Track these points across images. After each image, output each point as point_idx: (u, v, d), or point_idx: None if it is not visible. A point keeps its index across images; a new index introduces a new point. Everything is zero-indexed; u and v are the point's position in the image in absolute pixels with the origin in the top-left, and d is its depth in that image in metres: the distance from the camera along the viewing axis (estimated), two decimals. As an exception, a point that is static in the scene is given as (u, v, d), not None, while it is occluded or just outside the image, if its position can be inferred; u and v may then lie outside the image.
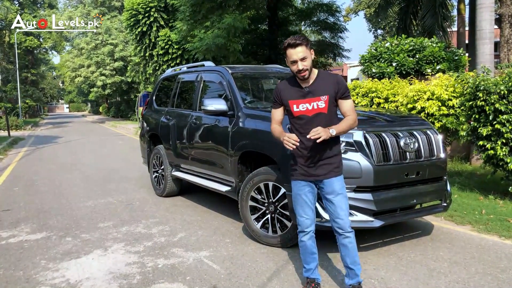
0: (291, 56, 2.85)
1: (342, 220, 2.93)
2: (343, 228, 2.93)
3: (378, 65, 8.94)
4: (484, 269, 3.50)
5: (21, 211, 5.66)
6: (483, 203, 5.42)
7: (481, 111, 5.58)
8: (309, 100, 2.91)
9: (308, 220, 3.04)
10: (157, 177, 6.44)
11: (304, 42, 2.83)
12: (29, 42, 38.34)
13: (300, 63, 2.83)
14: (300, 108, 2.94)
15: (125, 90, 33.92)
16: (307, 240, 3.06)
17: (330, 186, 2.95)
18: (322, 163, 2.94)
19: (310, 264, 3.10)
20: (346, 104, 2.95)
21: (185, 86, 6.15)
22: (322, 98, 2.89)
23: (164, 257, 3.90)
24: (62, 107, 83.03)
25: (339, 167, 2.99)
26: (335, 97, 2.92)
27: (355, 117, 2.94)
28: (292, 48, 2.83)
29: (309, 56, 2.86)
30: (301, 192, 3.03)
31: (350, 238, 2.94)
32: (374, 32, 36.73)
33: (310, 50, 2.88)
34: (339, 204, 2.94)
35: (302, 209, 3.04)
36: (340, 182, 2.98)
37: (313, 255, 3.09)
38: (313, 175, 2.96)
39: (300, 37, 2.85)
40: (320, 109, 2.90)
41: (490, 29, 7.74)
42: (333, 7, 14.84)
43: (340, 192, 2.95)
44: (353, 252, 2.96)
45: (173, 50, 15.78)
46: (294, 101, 2.95)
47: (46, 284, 3.38)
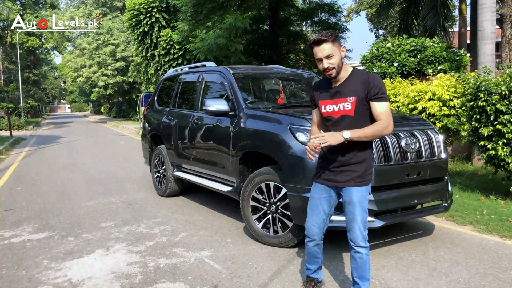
0: (316, 53, 2.65)
1: (354, 233, 2.73)
2: (354, 242, 2.74)
3: (379, 65, 8.93)
4: (485, 269, 3.51)
5: (23, 211, 5.68)
6: (484, 203, 5.42)
7: (482, 111, 5.59)
8: (336, 101, 2.70)
9: (316, 229, 2.89)
10: (159, 177, 6.45)
11: (330, 38, 2.59)
12: (31, 42, 38.45)
13: (326, 61, 2.62)
14: (327, 109, 2.75)
15: (126, 90, 33.98)
16: (312, 247, 2.96)
17: (348, 196, 2.74)
18: (343, 169, 2.73)
19: (311, 265, 3.07)
20: (378, 107, 2.63)
21: (186, 87, 6.16)
22: (349, 100, 2.66)
23: (165, 257, 3.92)
24: (63, 107, 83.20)
25: (363, 176, 2.71)
26: (365, 98, 2.64)
27: (388, 123, 2.62)
28: (316, 45, 2.63)
29: (337, 53, 2.63)
30: (317, 197, 2.87)
31: (361, 254, 2.73)
32: (375, 32, 36.69)
33: (339, 47, 2.65)
34: (353, 216, 2.72)
35: (312, 215, 2.89)
36: (361, 193, 2.72)
37: (316, 259, 3.02)
38: (334, 180, 2.77)
39: (327, 33, 2.62)
40: (346, 111, 2.67)
41: (491, 29, 7.74)
42: (334, 7, 14.85)
43: (357, 204, 2.71)
44: (363, 267, 2.77)
45: (175, 50, 15.79)
46: (323, 101, 2.78)
47: (48, 284, 3.40)
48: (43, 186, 7.37)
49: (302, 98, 5.70)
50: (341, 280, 3.35)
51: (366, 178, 2.74)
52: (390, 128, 2.64)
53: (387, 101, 2.66)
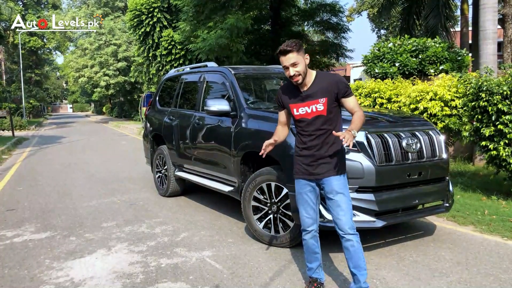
0: (282, 62, 2.89)
1: (341, 221, 2.89)
2: (342, 229, 2.89)
3: (381, 65, 8.93)
4: (486, 270, 3.51)
5: (25, 211, 5.70)
6: (485, 204, 5.42)
7: (484, 111, 5.58)
8: (308, 104, 2.93)
9: (310, 219, 3.04)
10: (160, 177, 6.47)
11: (295, 48, 2.83)
12: (33, 42, 38.50)
13: (292, 68, 2.85)
14: (300, 111, 2.97)
15: (128, 90, 34.01)
16: (309, 239, 3.08)
17: (329, 185, 2.93)
18: (321, 162, 2.93)
19: (312, 263, 3.12)
20: (350, 102, 2.93)
21: (188, 87, 6.17)
22: (320, 101, 2.90)
23: (167, 256, 3.93)
24: (65, 107, 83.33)
25: (339, 166, 2.94)
26: (335, 98, 2.91)
27: (362, 112, 2.91)
28: (282, 55, 2.86)
29: (302, 61, 2.86)
30: (302, 191, 3.04)
31: (352, 241, 2.87)
32: (377, 32, 36.63)
33: (303, 55, 2.88)
34: (338, 203, 2.91)
35: (304, 207, 3.06)
36: (340, 181, 2.94)
37: (315, 254, 3.10)
38: (313, 173, 2.97)
39: (291, 43, 2.85)
40: (319, 112, 2.91)
41: (493, 29, 7.73)
42: (336, 7, 14.83)
43: (339, 192, 2.91)
44: (356, 256, 2.88)
45: (176, 51, 15.81)
46: (294, 104, 2.99)
47: (50, 283, 3.42)
48: (45, 186, 7.39)
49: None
50: (342, 280, 3.35)
51: (342, 168, 2.98)
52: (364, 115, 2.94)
53: (353, 95, 2.98)
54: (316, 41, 16.81)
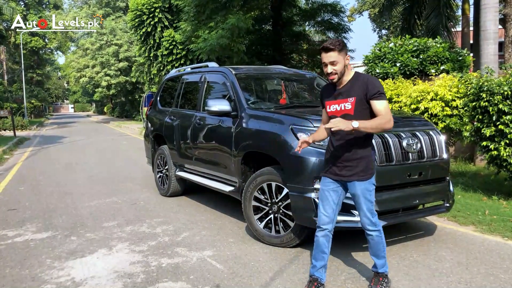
0: (322, 58, 2.95)
1: (362, 220, 3.10)
2: (363, 226, 3.11)
3: (382, 65, 8.93)
4: (486, 270, 3.51)
5: (26, 211, 5.71)
6: (486, 204, 5.42)
7: (484, 111, 5.58)
8: (338, 101, 3.01)
9: (326, 218, 3.09)
10: (161, 177, 6.48)
11: (337, 47, 2.89)
12: (35, 42, 38.56)
13: (330, 66, 2.92)
14: (331, 108, 3.06)
15: (129, 90, 34.05)
16: (321, 237, 3.12)
17: (353, 189, 3.04)
18: (347, 164, 3.00)
19: (317, 262, 3.14)
20: (377, 105, 2.91)
21: (189, 87, 6.18)
22: (349, 100, 2.95)
23: (168, 256, 3.93)
24: (67, 107, 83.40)
25: (364, 171, 2.99)
26: (365, 99, 2.93)
27: (388, 118, 2.87)
28: (324, 52, 2.92)
29: (341, 61, 2.91)
30: (325, 188, 3.12)
31: (371, 235, 3.09)
32: (378, 32, 36.63)
33: (344, 56, 2.92)
34: (359, 206, 3.07)
35: (323, 205, 3.12)
36: (363, 186, 3.01)
37: (323, 254, 3.12)
38: (339, 175, 3.05)
39: (335, 42, 2.91)
40: (346, 110, 2.96)
41: (494, 29, 7.72)
42: (337, 7, 14.83)
43: (361, 196, 3.02)
44: (375, 247, 3.12)
45: (178, 51, 15.82)
46: (328, 101, 3.09)
47: (51, 283, 3.43)
48: (46, 186, 7.41)
49: (304, 98, 5.72)
50: (343, 280, 3.36)
51: (368, 173, 3.02)
52: (391, 122, 2.89)
53: (385, 100, 2.94)
54: (317, 41, 16.80)
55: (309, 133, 3.73)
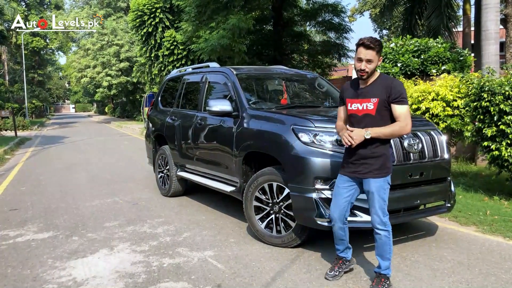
0: (359, 53, 2.99)
1: (373, 218, 3.14)
2: (373, 224, 3.15)
3: (383, 65, 8.93)
4: (488, 270, 3.51)
5: (28, 211, 5.72)
6: (487, 204, 5.42)
7: (486, 112, 5.58)
8: (361, 101, 3.07)
9: (336, 213, 3.25)
10: (163, 177, 6.48)
11: (377, 48, 2.96)
12: (36, 43, 38.63)
13: (364, 63, 2.97)
14: (352, 107, 3.12)
15: (130, 91, 34.08)
16: (336, 230, 3.31)
17: (367, 186, 3.11)
18: (364, 162, 3.08)
19: (339, 246, 3.40)
20: (397, 110, 3.00)
21: (190, 87, 6.19)
22: (372, 100, 3.01)
23: (169, 256, 3.94)
24: (68, 107, 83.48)
25: (380, 169, 3.07)
26: (387, 101, 2.99)
27: (405, 124, 2.98)
28: (364, 48, 2.96)
29: (376, 61, 2.98)
30: (340, 185, 3.23)
31: (380, 235, 3.13)
32: (379, 33, 36.60)
33: (379, 57, 3.01)
34: (372, 203, 3.12)
35: (335, 200, 3.26)
36: (378, 184, 3.08)
37: (342, 240, 3.36)
38: (356, 172, 3.13)
39: (376, 41, 2.96)
40: (368, 110, 3.03)
41: (495, 29, 7.71)
42: (338, 7, 14.82)
43: (375, 193, 3.08)
44: (381, 247, 3.15)
45: (179, 51, 15.84)
46: (350, 99, 3.14)
47: (53, 283, 3.43)
48: (47, 186, 7.42)
49: (305, 98, 5.72)
50: (344, 280, 3.36)
51: (384, 171, 3.09)
52: (407, 128, 3.01)
53: (406, 105, 3.01)
54: (318, 41, 16.80)
55: (310, 133, 3.74)
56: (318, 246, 4.06)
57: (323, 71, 15.83)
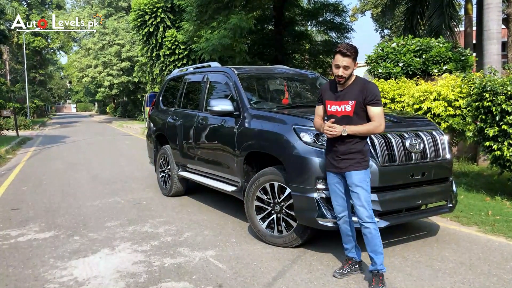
0: (337, 60, 3.17)
1: (359, 210, 3.22)
2: (361, 218, 3.22)
3: (384, 65, 8.91)
4: (489, 270, 3.50)
5: (29, 210, 5.72)
6: (489, 204, 5.40)
7: (487, 111, 5.56)
8: (339, 103, 3.26)
9: (339, 207, 3.39)
10: (164, 177, 6.48)
11: (353, 55, 3.16)
12: (37, 42, 38.68)
13: (342, 70, 3.16)
14: (331, 108, 3.30)
15: (132, 90, 34.11)
16: (342, 224, 3.42)
17: (350, 178, 3.25)
18: (344, 157, 3.25)
19: (347, 244, 3.47)
20: (372, 110, 3.20)
21: (191, 87, 6.18)
22: (349, 103, 3.21)
23: (170, 256, 3.94)
24: (69, 107, 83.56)
25: (360, 162, 3.23)
26: (363, 102, 3.19)
27: (379, 124, 3.18)
28: (341, 55, 3.15)
29: (352, 67, 3.18)
30: (331, 182, 3.40)
31: (369, 228, 3.20)
32: (380, 32, 36.57)
33: (355, 63, 3.20)
34: (356, 195, 3.21)
35: (334, 197, 3.41)
36: (360, 176, 3.22)
37: (349, 236, 3.43)
38: (338, 167, 3.29)
39: (352, 49, 3.15)
40: (346, 112, 3.22)
41: (497, 29, 7.70)
42: (339, 7, 14.82)
43: (358, 185, 3.20)
44: (373, 241, 3.21)
45: (180, 51, 15.84)
46: (329, 101, 3.33)
47: (54, 282, 3.43)
48: (49, 186, 7.42)
49: (307, 98, 5.71)
50: (345, 280, 3.35)
51: (363, 164, 3.26)
52: (381, 128, 3.22)
53: (380, 106, 3.22)
54: (319, 41, 16.79)
55: (311, 133, 3.74)
56: (320, 246, 4.06)
57: (325, 70, 15.82)
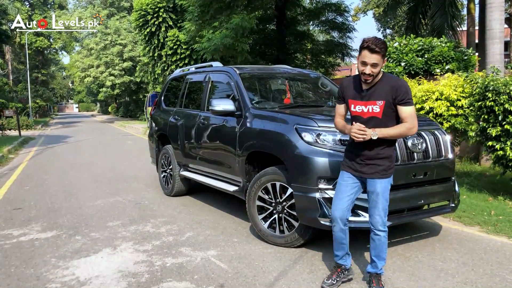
0: (364, 57, 2.84)
1: (375, 219, 3.07)
2: (375, 225, 3.08)
3: (386, 65, 8.90)
4: (492, 270, 3.49)
5: (31, 210, 5.73)
6: (492, 204, 5.39)
7: (490, 111, 5.55)
8: (366, 103, 2.97)
9: (339, 211, 3.12)
10: (166, 177, 6.48)
11: (382, 51, 2.83)
12: (40, 42, 38.76)
13: (369, 68, 2.84)
14: (356, 109, 3.02)
15: (134, 90, 34.14)
16: (337, 232, 3.18)
17: (373, 186, 3.05)
18: (370, 163, 3.02)
19: (338, 251, 3.26)
20: (404, 111, 2.92)
21: (193, 87, 6.18)
22: (377, 103, 2.93)
23: (172, 256, 3.94)
24: (71, 107, 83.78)
25: (387, 170, 3.03)
26: (392, 102, 2.92)
27: (412, 125, 2.92)
28: (369, 51, 2.82)
29: (381, 64, 2.87)
30: (343, 183, 3.14)
31: (379, 236, 3.07)
32: (383, 32, 36.50)
33: (384, 59, 2.89)
34: (375, 204, 3.05)
35: (337, 198, 3.15)
36: (384, 184, 3.03)
37: (342, 245, 3.22)
38: (360, 171, 3.07)
39: (381, 44, 2.82)
40: (374, 113, 2.95)
41: (500, 28, 7.68)
42: (341, 6, 14.83)
43: (380, 194, 3.02)
44: (380, 248, 3.10)
45: (182, 51, 15.86)
46: (353, 101, 3.04)
47: (56, 282, 3.44)
48: (51, 186, 7.44)
49: (309, 98, 5.71)
50: (344, 283, 3.34)
51: (389, 172, 3.06)
52: (414, 130, 2.96)
53: (412, 105, 2.95)
54: (321, 41, 16.80)
55: (313, 132, 3.73)
56: (321, 246, 4.05)
57: (326, 70, 15.82)
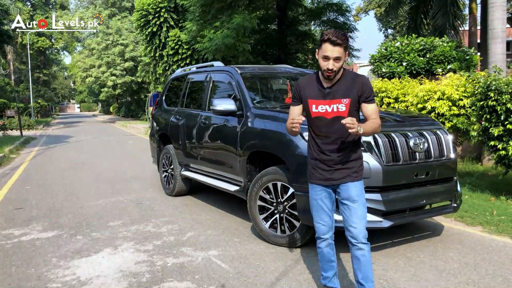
0: (326, 51, 2.60)
1: (355, 229, 2.71)
2: (356, 237, 2.71)
3: (388, 64, 8.89)
4: (494, 271, 3.47)
5: (33, 210, 5.73)
6: (494, 204, 5.37)
7: (492, 111, 5.53)
8: (330, 102, 2.70)
9: (325, 227, 2.86)
10: (167, 177, 6.48)
11: (344, 43, 2.60)
12: (41, 43, 38.85)
13: (332, 62, 2.60)
14: (319, 109, 2.74)
15: (135, 90, 34.16)
16: (324, 248, 2.90)
17: (347, 191, 2.75)
18: (339, 167, 2.75)
19: (327, 272, 2.96)
20: (369, 108, 2.72)
21: (194, 86, 6.18)
22: (343, 101, 2.69)
23: (173, 256, 3.93)
24: (73, 107, 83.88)
25: (358, 172, 2.78)
26: (358, 100, 2.71)
27: (379, 121, 2.73)
28: (331, 44, 2.58)
29: (343, 58, 2.64)
30: (317, 197, 2.86)
31: (363, 250, 2.71)
32: (384, 32, 36.46)
33: (346, 52, 2.67)
34: (354, 211, 2.73)
35: (318, 214, 2.88)
36: (358, 188, 2.76)
37: (331, 263, 2.93)
38: (330, 179, 2.78)
39: (342, 36, 2.59)
40: (340, 112, 2.69)
41: (502, 28, 7.65)
42: (343, 6, 14.81)
43: (356, 199, 2.74)
44: (366, 266, 2.72)
45: (183, 50, 15.85)
46: (314, 100, 2.75)
47: (57, 282, 3.43)
48: (52, 185, 7.44)
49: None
50: (349, 281, 3.33)
51: (361, 173, 2.81)
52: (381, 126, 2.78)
53: (375, 102, 2.78)
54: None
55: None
56: (323, 246, 4.03)
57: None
